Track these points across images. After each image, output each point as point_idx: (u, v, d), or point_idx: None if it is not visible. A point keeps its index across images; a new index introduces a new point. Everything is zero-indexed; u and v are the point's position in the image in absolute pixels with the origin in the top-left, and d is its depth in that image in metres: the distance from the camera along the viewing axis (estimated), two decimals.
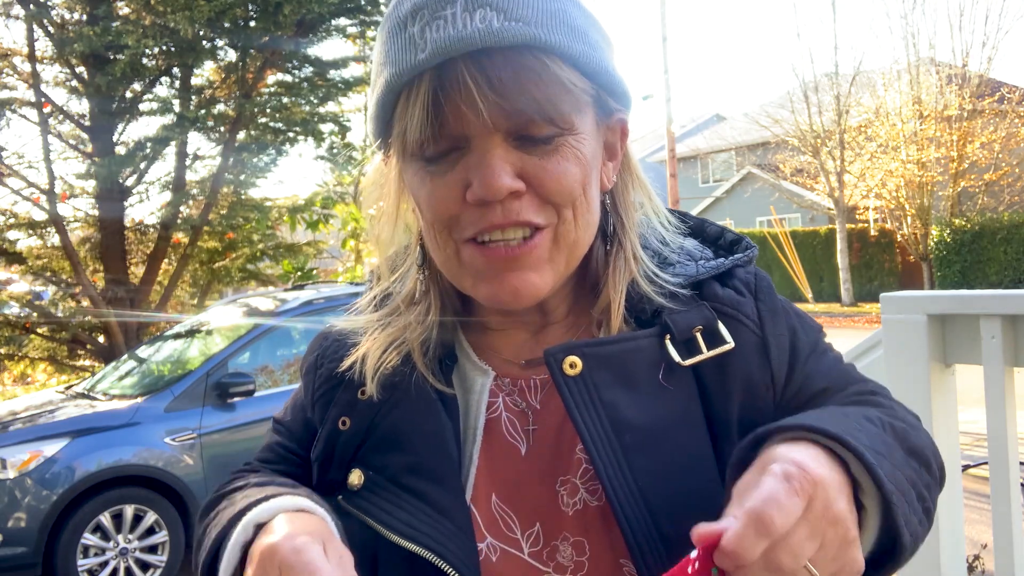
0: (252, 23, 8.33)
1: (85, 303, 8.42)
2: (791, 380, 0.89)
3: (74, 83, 8.58)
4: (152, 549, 5.41)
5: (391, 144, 0.86)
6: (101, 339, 8.66)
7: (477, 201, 0.80)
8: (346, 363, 0.94)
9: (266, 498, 0.82)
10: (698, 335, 0.87)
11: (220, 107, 8.91)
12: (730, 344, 0.87)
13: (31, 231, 8.71)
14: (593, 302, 0.92)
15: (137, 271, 9.17)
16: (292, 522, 0.77)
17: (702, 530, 0.65)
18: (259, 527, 0.79)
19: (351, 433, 0.92)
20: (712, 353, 0.86)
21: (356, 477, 0.89)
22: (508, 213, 0.80)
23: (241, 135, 8.93)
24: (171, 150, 8.79)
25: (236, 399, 5.79)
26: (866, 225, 24.99)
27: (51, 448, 5.25)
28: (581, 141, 0.82)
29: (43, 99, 8.42)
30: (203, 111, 8.46)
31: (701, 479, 0.83)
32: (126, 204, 8.82)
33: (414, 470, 0.86)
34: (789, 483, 0.65)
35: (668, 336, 0.87)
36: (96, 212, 8.82)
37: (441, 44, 0.76)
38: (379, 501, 0.86)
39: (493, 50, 0.76)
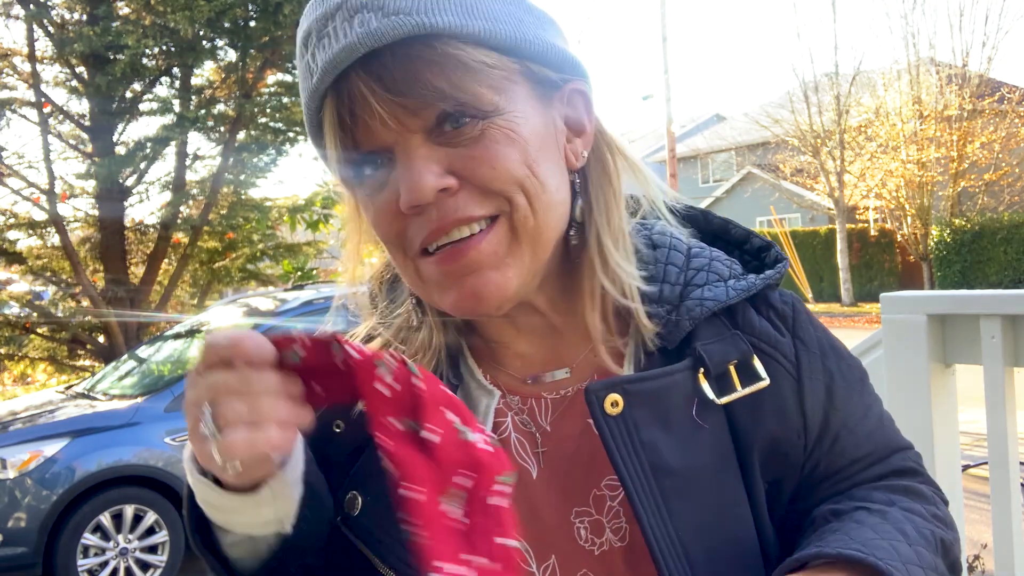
0: (252, 23, 8.33)
1: (85, 303, 8.43)
2: (826, 432, 0.84)
3: (74, 83, 8.58)
4: (152, 549, 5.41)
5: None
6: (101, 339, 8.66)
7: (409, 209, 0.75)
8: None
9: None
10: (732, 369, 0.82)
11: (220, 107, 8.92)
12: (766, 381, 0.82)
13: (31, 231, 8.72)
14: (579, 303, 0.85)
15: (137, 271, 9.18)
16: None
17: None
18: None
19: (346, 441, 0.84)
20: (746, 391, 0.81)
21: (354, 501, 0.83)
22: (445, 213, 0.75)
23: (241, 135, 8.93)
24: (171, 150, 8.80)
25: None
26: (866, 225, 24.99)
27: (51, 448, 5.25)
28: (513, 121, 0.75)
29: (43, 99, 8.43)
30: (203, 111, 8.46)
31: (736, 526, 0.80)
32: (126, 204, 8.83)
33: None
34: None
35: (702, 370, 0.81)
36: (96, 212, 8.83)
37: (327, 61, 0.72)
38: (377, 531, 0.80)
39: (380, 51, 0.71)
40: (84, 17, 8.42)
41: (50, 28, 8.33)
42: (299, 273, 11.19)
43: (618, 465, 0.77)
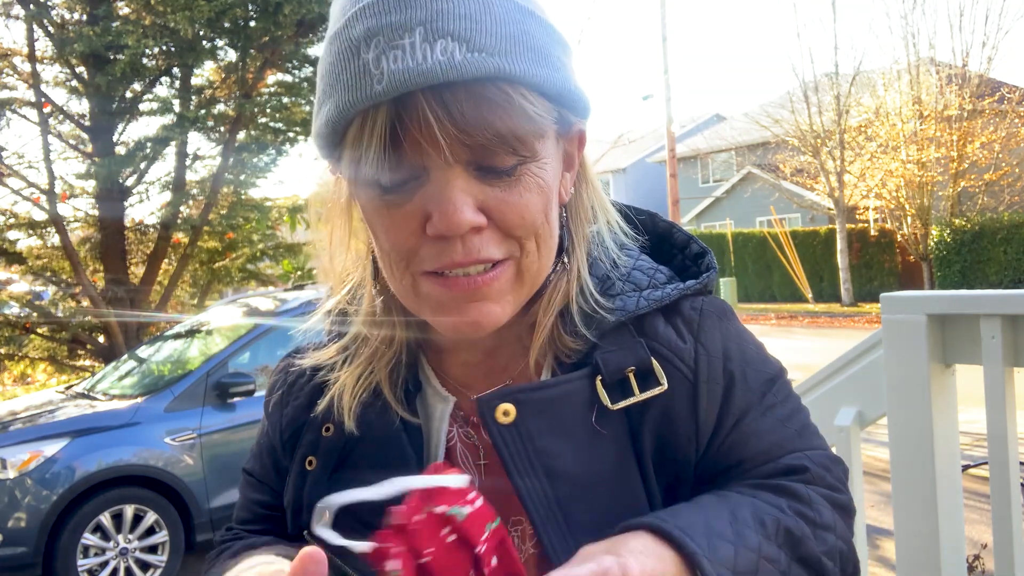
0: (252, 23, 8.33)
1: (85, 303, 8.42)
2: (717, 434, 0.84)
3: (74, 83, 8.58)
4: (152, 549, 5.41)
5: (340, 165, 0.81)
6: (101, 339, 8.66)
7: (437, 236, 0.76)
8: (321, 405, 0.92)
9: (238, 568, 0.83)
10: (631, 376, 0.84)
11: (220, 107, 8.91)
12: (663, 386, 0.83)
13: (31, 231, 8.71)
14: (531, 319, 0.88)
15: (137, 271, 9.17)
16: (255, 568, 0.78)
17: None
18: None
19: (318, 472, 0.90)
20: (643, 396, 0.83)
21: (324, 516, 0.85)
22: (469, 251, 0.76)
23: (241, 135, 8.93)
24: (171, 150, 8.80)
25: (236, 399, 5.79)
26: (866, 225, 24.99)
27: (51, 448, 5.25)
28: (543, 167, 0.78)
29: (43, 99, 8.43)
30: (203, 111, 8.46)
31: None
32: (126, 204, 8.83)
33: (377, 509, 0.84)
34: None
35: (599, 377, 0.83)
36: (96, 212, 8.82)
37: (400, 78, 0.70)
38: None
39: (455, 83, 0.71)
40: (84, 17, 8.42)
41: (50, 28, 8.33)
42: (299, 273, 11.19)
43: (511, 472, 0.80)
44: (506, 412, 0.81)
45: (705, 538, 0.73)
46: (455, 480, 0.70)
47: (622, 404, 0.83)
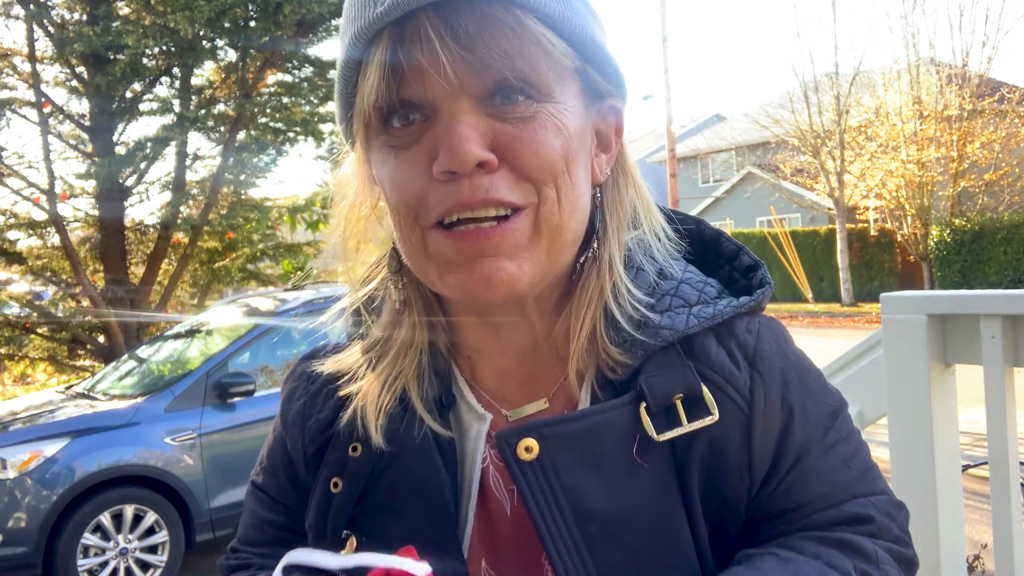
0: (252, 23, 8.33)
1: (85, 303, 8.42)
2: (774, 474, 0.77)
3: (74, 83, 8.57)
4: (152, 549, 5.40)
5: (355, 127, 0.76)
6: (101, 339, 8.66)
7: (443, 174, 0.70)
8: (345, 417, 0.85)
9: None
10: (678, 403, 0.76)
11: (220, 107, 8.91)
12: (714, 416, 0.75)
13: (31, 231, 8.71)
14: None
15: (137, 271, 9.17)
16: None
17: None
18: None
19: (345, 495, 0.83)
20: (692, 427, 0.75)
21: (351, 542, 0.81)
22: (477, 189, 0.70)
23: (241, 135, 8.93)
24: (171, 150, 8.79)
25: (236, 399, 5.79)
26: (866, 225, 24.99)
27: (51, 448, 5.24)
28: (563, 112, 0.72)
29: (43, 99, 8.42)
30: (203, 111, 8.46)
31: (677, 571, 0.74)
32: (126, 204, 8.82)
33: (411, 536, 0.77)
34: None
35: (644, 404, 0.75)
36: (96, 212, 8.82)
37: None
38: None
39: (459, 1, 0.67)
40: (84, 17, 8.41)
41: (50, 28, 8.32)
42: (299, 273, 11.19)
43: (532, 512, 0.73)
44: (528, 448, 0.74)
45: None
46: (418, 568, 0.69)
47: (669, 435, 0.75)
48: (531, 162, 0.71)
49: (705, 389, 0.76)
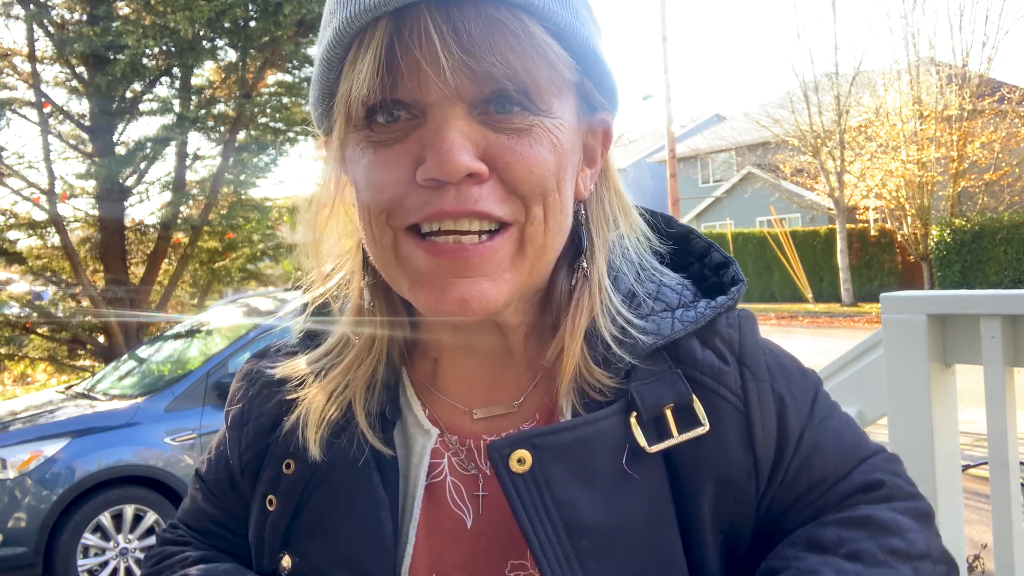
0: (252, 23, 8.33)
1: (85, 303, 8.42)
2: (779, 465, 0.76)
3: (74, 83, 8.57)
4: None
5: (334, 114, 0.71)
6: (101, 339, 8.66)
7: (428, 181, 0.66)
8: (285, 424, 0.81)
9: None
10: (668, 413, 0.74)
11: (220, 107, 8.91)
12: (704, 427, 0.73)
13: (31, 231, 8.71)
14: (548, 344, 0.77)
15: (137, 271, 9.17)
16: None
17: None
18: None
19: (278, 513, 0.80)
20: (684, 438, 0.73)
21: (286, 562, 0.78)
22: (464, 200, 0.66)
23: (241, 135, 8.93)
24: (171, 150, 8.79)
25: None
26: (866, 225, 24.99)
27: (51, 448, 5.25)
28: (558, 127, 0.69)
29: (43, 99, 8.42)
30: (203, 111, 8.46)
31: None
32: (126, 204, 8.82)
33: (340, 561, 0.75)
34: None
35: (634, 414, 0.73)
36: (96, 212, 8.82)
37: None
38: None
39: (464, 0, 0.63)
40: (84, 17, 8.41)
41: (50, 28, 8.32)
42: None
43: (525, 527, 0.70)
44: (521, 459, 0.71)
45: None
46: None
47: (661, 447, 0.73)
48: (523, 177, 0.68)
49: (696, 399, 0.75)
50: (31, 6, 8.18)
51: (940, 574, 0.74)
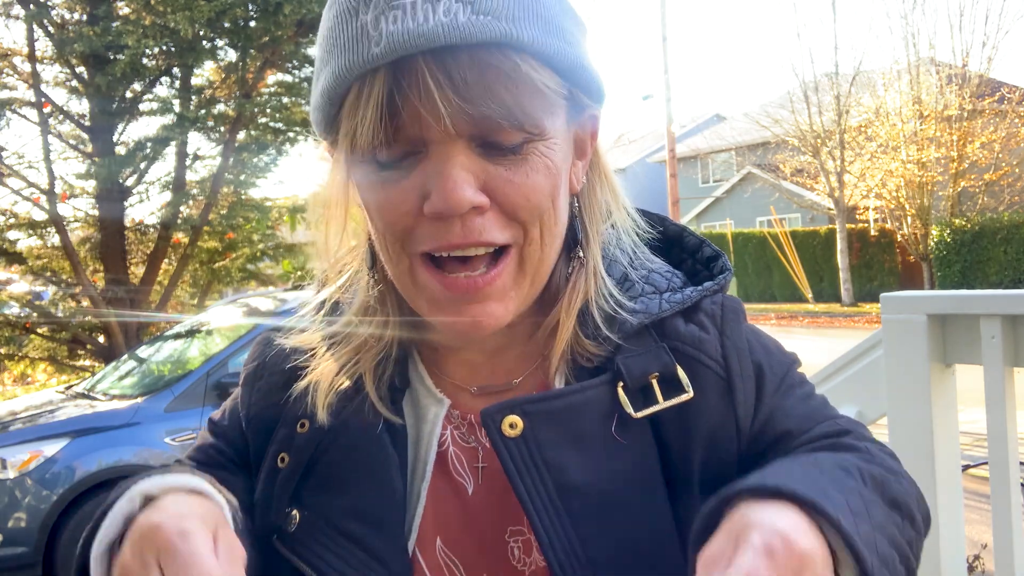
0: (252, 23, 8.33)
1: (85, 303, 8.42)
2: (755, 421, 0.80)
3: (74, 83, 8.58)
4: None
5: (338, 138, 0.76)
6: (101, 339, 8.67)
7: (435, 215, 0.71)
8: (299, 386, 0.85)
9: (162, 471, 0.75)
10: (654, 382, 0.79)
11: (220, 107, 8.91)
12: (688, 394, 0.78)
13: (31, 231, 8.71)
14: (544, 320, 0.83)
15: (137, 271, 9.17)
16: (184, 502, 0.70)
17: None
18: (148, 500, 0.71)
19: (290, 470, 0.84)
20: (668, 404, 0.78)
21: (292, 517, 0.82)
22: (469, 232, 0.71)
23: (241, 135, 8.94)
24: (171, 150, 8.80)
25: None
26: (866, 225, 24.99)
27: (51, 448, 5.25)
28: (551, 147, 0.73)
29: (43, 99, 8.43)
30: (203, 111, 8.46)
31: (657, 545, 0.76)
32: (126, 204, 8.83)
33: (353, 513, 0.79)
34: (772, 559, 0.57)
35: (621, 384, 0.78)
36: (96, 212, 8.83)
37: (399, 39, 0.66)
38: (313, 544, 0.79)
39: (458, 47, 0.66)
40: (84, 17, 8.42)
41: (50, 28, 8.33)
42: (299, 273, 11.18)
43: (518, 487, 0.75)
44: (512, 424, 0.76)
45: (820, 493, 0.63)
46: None
47: (645, 412, 0.78)
48: (521, 205, 0.73)
49: (679, 368, 0.79)
50: (31, 6, 8.18)
51: (916, 493, 0.78)
